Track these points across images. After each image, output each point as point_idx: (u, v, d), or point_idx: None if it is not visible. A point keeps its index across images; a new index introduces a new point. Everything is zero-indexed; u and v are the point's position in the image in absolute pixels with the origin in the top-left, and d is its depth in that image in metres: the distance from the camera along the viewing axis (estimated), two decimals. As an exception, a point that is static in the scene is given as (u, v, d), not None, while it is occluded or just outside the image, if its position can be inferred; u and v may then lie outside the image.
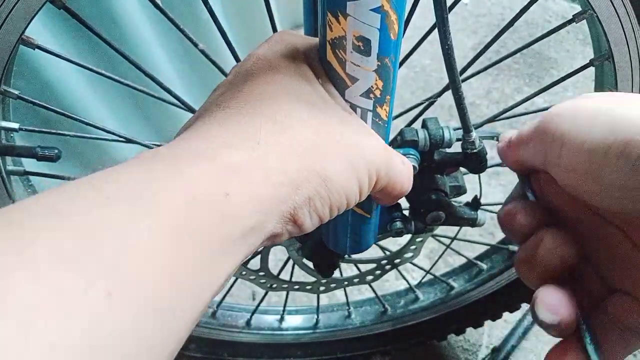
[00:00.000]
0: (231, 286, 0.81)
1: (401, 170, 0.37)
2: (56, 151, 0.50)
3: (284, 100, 0.32)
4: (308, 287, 0.71)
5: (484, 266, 0.82)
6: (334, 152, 0.32)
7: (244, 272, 0.68)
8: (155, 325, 0.22)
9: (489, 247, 0.83)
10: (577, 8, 0.49)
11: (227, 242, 0.26)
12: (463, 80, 0.54)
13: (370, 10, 0.31)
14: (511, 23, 0.51)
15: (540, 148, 0.36)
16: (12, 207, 0.22)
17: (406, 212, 0.52)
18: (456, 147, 0.46)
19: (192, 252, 0.24)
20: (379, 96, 0.36)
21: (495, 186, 1.26)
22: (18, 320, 0.18)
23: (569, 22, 0.50)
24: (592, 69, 0.56)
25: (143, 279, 0.22)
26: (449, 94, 0.58)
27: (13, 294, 0.18)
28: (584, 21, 0.50)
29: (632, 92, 0.53)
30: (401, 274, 0.83)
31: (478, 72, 0.58)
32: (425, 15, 0.52)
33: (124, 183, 0.25)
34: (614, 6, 0.46)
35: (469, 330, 0.92)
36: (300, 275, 0.70)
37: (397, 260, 0.67)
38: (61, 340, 0.18)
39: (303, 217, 0.31)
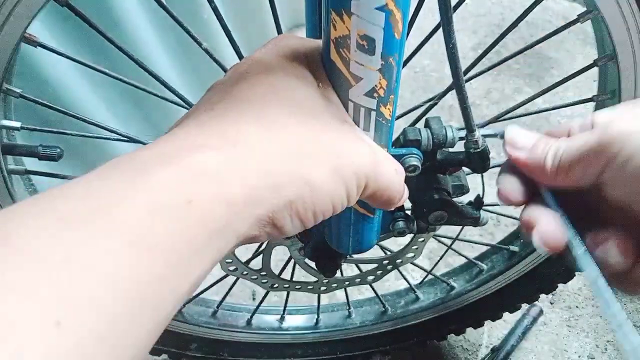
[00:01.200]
0: (232, 286, 0.80)
1: (391, 177, 0.36)
2: (58, 150, 0.50)
3: (273, 104, 0.32)
4: (309, 287, 0.71)
5: (484, 266, 0.82)
6: (320, 158, 0.31)
7: (245, 272, 0.68)
8: (105, 346, 0.22)
9: (489, 247, 0.83)
10: (578, 8, 0.49)
11: (192, 248, 0.26)
12: (466, 81, 0.54)
13: (374, 8, 0.31)
14: (514, 25, 0.50)
15: (594, 169, 0.35)
16: None
17: (409, 212, 0.51)
18: (459, 147, 0.46)
19: (152, 263, 0.24)
20: (382, 95, 0.35)
21: (494, 186, 1.26)
22: None
23: (574, 22, 0.50)
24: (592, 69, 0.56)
25: (95, 303, 0.21)
26: (448, 94, 0.58)
27: None
28: (587, 21, 0.50)
29: (635, 92, 0.53)
30: (401, 274, 0.83)
31: (480, 73, 0.58)
32: (424, 15, 0.52)
33: (80, 199, 0.24)
34: (619, 6, 0.46)
35: (469, 330, 0.92)
36: (301, 275, 0.70)
37: (399, 260, 0.67)
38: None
39: (283, 220, 0.31)
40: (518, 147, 0.39)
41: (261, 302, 0.83)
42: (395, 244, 0.72)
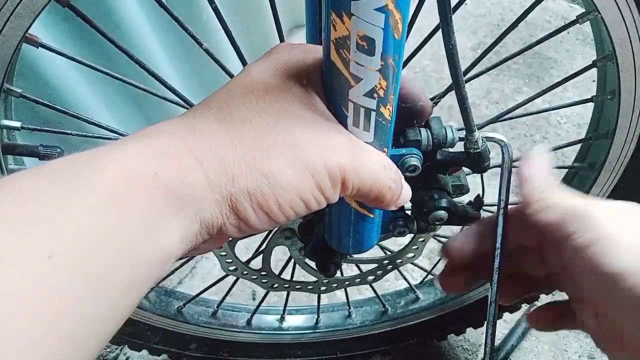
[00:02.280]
0: (232, 286, 0.81)
1: (375, 171, 0.36)
2: (58, 150, 0.50)
3: (235, 103, 0.33)
4: (309, 287, 0.71)
5: (485, 266, 0.82)
6: (281, 151, 0.32)
7: (245, 272, 0.68)
8: (91, 287, 0.25)
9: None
10: (577, 8, 0.49)
11: (161, 218, 0.28)
12: (466, 82, 0.54)
13: (374, 9, 0.31)
14: (513, 25, 0.51)
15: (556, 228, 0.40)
16: None
17: (409, 212, 0.52)
18: (459, 147, 0.46)
19: (126, 223, 0.27)
20: (382, 96, 0.36)
21: (495, 186, 1.26)
22: None
23: (573, 23, 0.50)
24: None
25: (80, 246, 0.24)
26: (447, 94, 0.58)
27: None
28: (589, 22, 0.50)
29: (635, 93, 0.53)
30: (402, 274, 0.83)
31: (480, 74, 0.58)
32: (424, 16, 0.52)
33: (68, 161, 0.28)
34: (618, 7, 0.46)
35: (469, 330, 0.92)
36: (301, 275, 0.70)
37: (399, 260, 0.67)
38: (6, 288, 0.21)
39: (245, 211, 0.32)
40: (530, 169, 0.43)
41: (261, 302, 0.83)
42: (396, 244, 0.72)
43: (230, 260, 0.66)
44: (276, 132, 0.32)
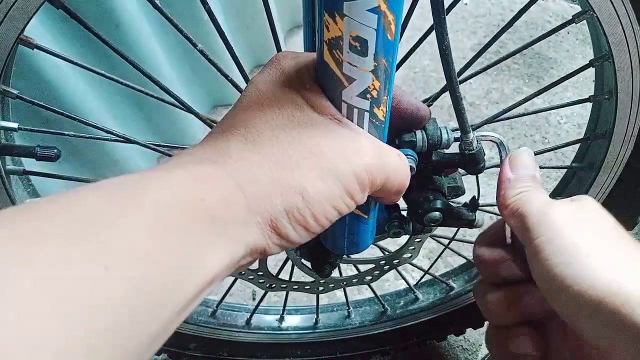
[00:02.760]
0: (231, 286, 0.81)
1: (397, 164, 0.38)
2: (55, 151, 0.50)
3: (258, 122, 0.34)
4: (307, 287, 0.71)
5: (484, 266, 0.82)
6: (310, 163, 0.33)
7: (243, 272, 0.68)
8: (144, 302, 0.25)
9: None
10: (577, 8, 0.49)
11: (208, 241, 0.29)
12: (463, 81, 0.54)
13: (366, 10, 0.31)
14: (510, 24, 0.50)
15: (520, 234, 0.41)
16: (23, 205, 0.27)
17: (404, 213, 0.52)
18: (455, 148, 0.46)
19: (174, 243, 0.27)
20: (375, 97, 0.36)
21: (494, 186, 1.26)
22: (40, 274, 0.22)
23: (569, 22, 0.50)
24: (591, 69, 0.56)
25: (134, 261, 0.25)
26: (448, 95, 0.58)
27: (37, 256, 0.22)
28: (585, 21, 0.50)
29: (632, 93, 0.53)
30: (400, 274, 0.83)
31: (478, 73, 0.58)
32: (425, 16, 0.52)
33: (121, 182, 0.29)
34: (614, 6, 0.46)
35: (469, 330, 0.92)
36: (299, 276, 0.70)
37: (396, 261, 0.67)
38: (69, 294, 0.22)
39: (284, 228, 0.33)
40: (513, 167, 0.44)
41: (260, 301, 0.83)
42: (394, 244, 0.72)
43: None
44: (302, 145, 0.33)
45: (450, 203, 0.48)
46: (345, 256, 0.56)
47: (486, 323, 0.91)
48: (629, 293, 0.33)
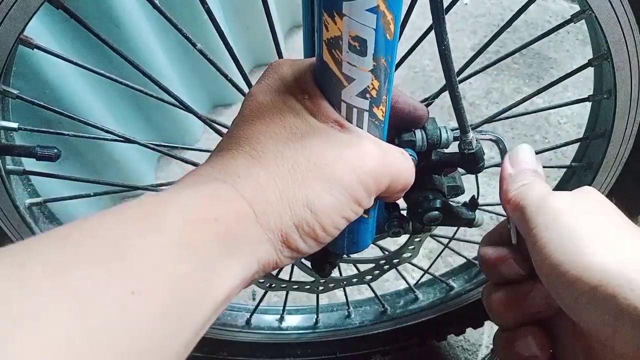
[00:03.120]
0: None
1: (401, 164, 0.38)
2: (55, 151, 0.50)
3: (262, 137, 0.35)
4: (307, 287, 0.71)
5: (483, 266, 0.82)
6: (315, 177, 0.33)
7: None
8: (169, 325, 0.26)
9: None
10: (577, 8, 0.49)
11: (223, 259, 0.30)
12: (463, 80, 0.54)
13: (365, 10, 0.31)
14: (509, 23, 0.51)
15: (521, 227, 0.39)
16: (52, 232, 0.27)
17: (404, 212, 0.52)
18: (454, 147, 0.46)
19: (192, 263, 0.28)
20: (375, 96, 0.36)
21: (494, 186, 1.26)
22: (73, 302, 0.23)
23: (567, 22, 0.50)
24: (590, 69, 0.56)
25: (158, 284, 0.26)
26: (448, 95, 0.58)
27: (70, 283, 0.23)
28: (584, 21, 0.50)
29: (631, 92, 0.53)
30: (400, 274, 0.83)
31: (477, 72, 0.58)
32: (425, 16, 0.52)
33: (138, 205, 0.30)
34: (612, 6, 0.46)
35: (469, 330, 0.92)
36: (299, 275, 0.70)
37: (396, 260, 0.67)
38: (100, 320, 0.23)
39: (295, 242, 0.33)
40: (514, 163, 0.43)
41: (260, 301, 0.83)
42: (394, 243, 0.72)
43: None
44: (306, 160, 0.34)
45: (450, 202, 0.48)
46: (345, 256, 0.56)
47: (487, 322, 0.91)
48: (628, 276, 0.31)
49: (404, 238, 0.59)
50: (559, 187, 0.72)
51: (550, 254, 0.35)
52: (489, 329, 1.07)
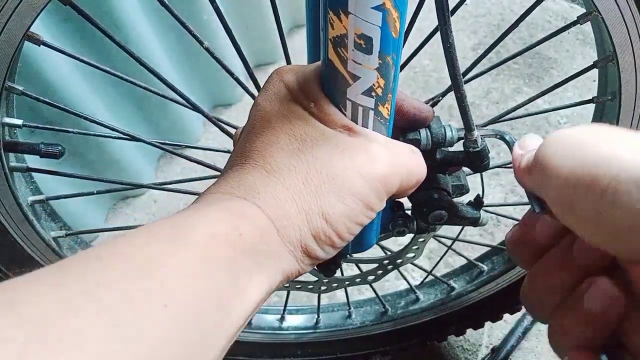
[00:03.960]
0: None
1: (411, 163, 0.39)
2: (59, 148, 0.50)
3: (273, 150, 0.36)
4: (310, 287, 0.71)
5: (485, 267, 0.82)
6: (328, 188, 0.34)
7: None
8: (199, 337, 0.27)
9: (489, 248, 0.83)
10: (577, 8, 0.49)
11: (248, 273, 0.31)
12: (466, 82, 0.54)
13: (371, 8, 0.31)
14: (514, 26, 0.51)
15: (536, 179, 0.34)
16: (83, 253, 0.28)
17: (408, 212, 0.52)
18: (459, 147, 0.46)
19: (221, 278, 0.29)
20: (380, 94, 0.36)
21: (495, 186, 1.26)
22: (110, 318, 0.24)
23: (573, 23, 0.50)
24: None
25: (188, 297, 0.27)
26: (448, 95, 0.58)
27: (101, 297, 0.24)
28: (585, 22, 0.50)
29: (635, 94, 0.53)
30: (402, 274, 0.83)
31: (480, 74, 0.58)
32: (425, 15, 0.52)
33: (166, 222, 0.31)
34: (619, 8, 0.46)
35: (469, 330, 0.92)
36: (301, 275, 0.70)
37: (399, 261, 0.67)
38: (135, 334, 0.24)
39: (314, 251, 0.35)
40: (522, 147, 0.39)
41: (261, 301, 0.83)
42: (396, 244, 0.72)
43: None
44: (318, 170, 0.35)
45: (455, 201, 0.48)
46: (349, 255, 0.56)
47: (487, 323, 0.91)
48: (625, 161, 0.27)
49: (404, 239, 0.59)
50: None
51: (561, 169, 0.30)
52: (489, 329, 1.07)
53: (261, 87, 0.40)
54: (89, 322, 0.23)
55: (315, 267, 0.59)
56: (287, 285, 0.71)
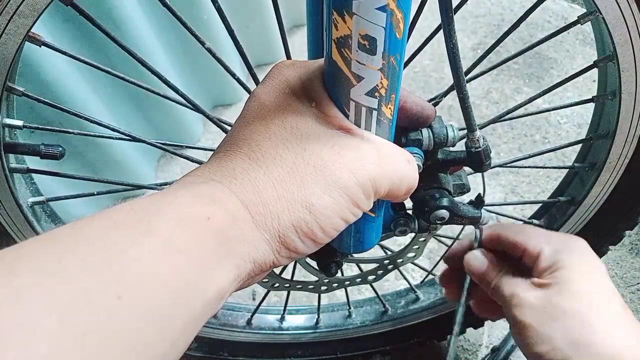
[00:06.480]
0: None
1: (403, 171, 0.38)
2: (60, 149, 0.50)
3: (260, 138, 0.35)
4: (310, 287, 0.71)
5: (485, 266, 0.82)
6: (314, 179, 0.33)
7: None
8: (155, 327, 0.26)
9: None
10: (577, 8, 0.49)
11: (215, 259, 0.30)
12: (467, 82, 0.54)
13: (375, 8, 0.31)
14: (514, 27, 0.51)
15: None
16: (43, 236, 0.27)
17: (410, 211, 0.52)
18: (460, 147, 0.46)
19: (182, 265, 0.28)
20: (384, 95, 0.36)
21: (495, 186, 1.27)
22: (63, 309, 0.23)
23: (574, 23, 0.50)
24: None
25: (145, 286, 0.26)
26: (448, 95, 0.59)
27: (54, 288, 0.24)
28: (586, 22, 0.50)
29: (635, 93, 0.53)
30: (402, 274, 0.83)
31: (481, 74, 0.58)
32: (424, 16, 0.52)
33: (131, 207, 0.30)
34: (619, 7, 0.46)
35: (469, 330, 0.92)
36: (301, 275, 0.70)
37: (400, 260, 0.67)
38: (87, 327, 0.23)
39: (293, 242, 0.34)
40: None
41: (261, 301, 0.83)
42: (396, 244, 0.72)
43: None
44: (305, 161, 0.34)
45: (456, 201, 0.48)
46: (349, 255, 0.56)
47: (487, 322, 0.91)
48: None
49: (404, 239, 0.59)
50: (561, 188, 0.72)
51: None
52: (489, 329, 1.07)
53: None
54: (38, 315, 0.22)
55: (315, 267, 0.59)
56: (288, 285, 0.71)
